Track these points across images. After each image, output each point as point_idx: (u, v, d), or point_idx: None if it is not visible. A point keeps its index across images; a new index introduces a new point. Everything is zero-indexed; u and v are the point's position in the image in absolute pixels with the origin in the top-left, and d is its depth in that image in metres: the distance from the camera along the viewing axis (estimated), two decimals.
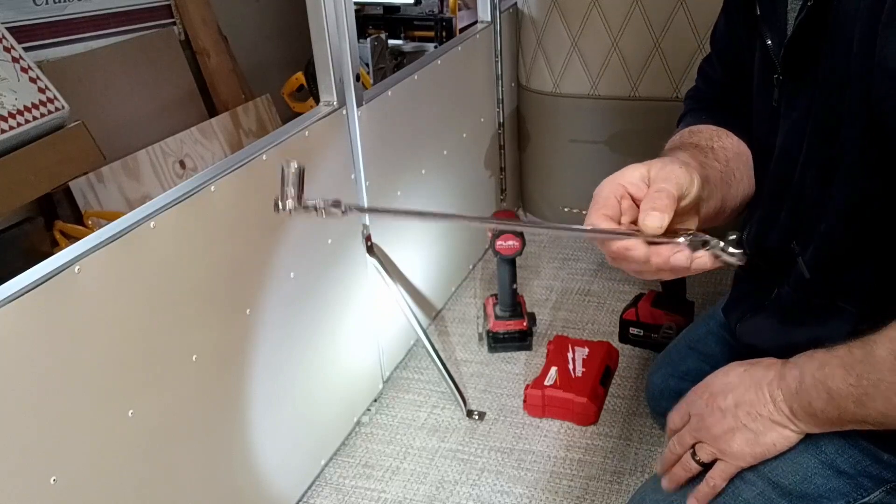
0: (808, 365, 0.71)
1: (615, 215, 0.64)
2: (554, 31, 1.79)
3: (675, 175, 0.64)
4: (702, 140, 0.84)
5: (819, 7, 0.68)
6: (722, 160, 0.82)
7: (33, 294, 0.71)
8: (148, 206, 0.87)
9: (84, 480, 0.79)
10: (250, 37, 2.20)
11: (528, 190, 2.06)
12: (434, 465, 1.25)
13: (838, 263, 0.75)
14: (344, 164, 1.23)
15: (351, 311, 1.30)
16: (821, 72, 0.70)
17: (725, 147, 0.84)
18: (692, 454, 0.79)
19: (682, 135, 0.88)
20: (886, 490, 0.74)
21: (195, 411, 0.95)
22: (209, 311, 0.96)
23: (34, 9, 1.62)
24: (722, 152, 0.83)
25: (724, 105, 0.92)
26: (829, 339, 0.77)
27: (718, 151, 0.83)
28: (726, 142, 0.85)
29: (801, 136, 0.75)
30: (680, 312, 1.47)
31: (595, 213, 0.64)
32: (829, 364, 0.68)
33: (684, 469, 0.81)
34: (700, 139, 0.84)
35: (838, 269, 0.76)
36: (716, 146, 0.83)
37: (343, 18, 1.13)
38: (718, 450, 0.77)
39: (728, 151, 0.84)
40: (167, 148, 1.76)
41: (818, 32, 0.69)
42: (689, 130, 0.88)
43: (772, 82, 0.78)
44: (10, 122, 1.26)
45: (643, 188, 0.65)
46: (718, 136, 0.85)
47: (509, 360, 1.50)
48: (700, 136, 0.85)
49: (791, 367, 0.73)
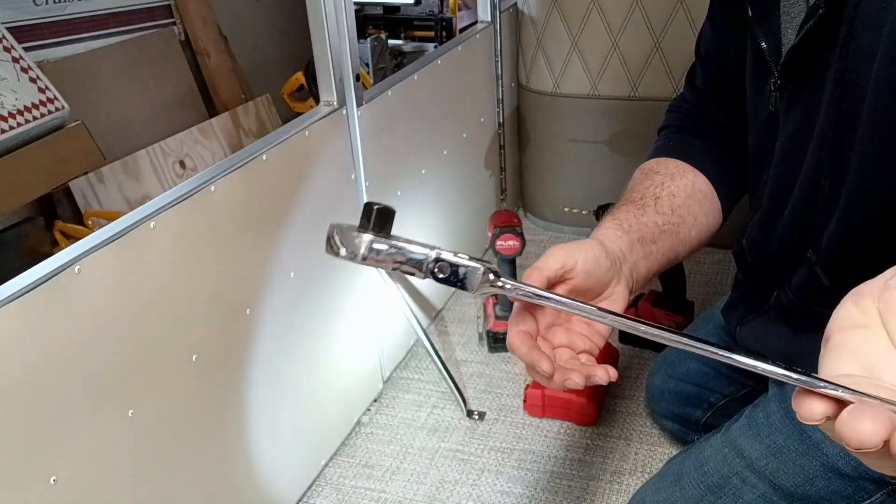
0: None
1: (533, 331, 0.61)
2: (554, 31, 1.79)
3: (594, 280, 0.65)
4: (647, 191, 0.84)
5: (830, 14, 0.67)
6: (666, 211, 0.81)
7: (33, 294, 0.71)
8: (148, 206, 0.87)
9: (84, 480, 0.79)
10: (250, 37, 2.20)
11: (528, 190, 2.06)
12: (434, 465, 1.25)
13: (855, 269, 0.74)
14: (344, 164, 1.23)
15: (351, 311, 1.29)
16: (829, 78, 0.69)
17: (675, 194, 0.84)
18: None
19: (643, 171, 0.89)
20: (888, 493, 0.74)
21: (195, 411, 0.95)
22: (209, 311, 0.96)
23: (34, 9, 1.62)
24: (668, 200, 0.83)
25: (703, 119, 0.92)
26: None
27: (664, 200, 0.82)
28: (679, 183, 0.85)
29: (804, 141, 0.73)
30: (680, 312, 1.47)
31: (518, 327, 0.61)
32: None
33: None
34: (646, 190, 0.84)
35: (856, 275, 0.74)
36: (663, 194, 0.83)
37: (343, 18, 1.13)
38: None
39: (677, 198, 0.84)
40: (167, 148, 1.76)
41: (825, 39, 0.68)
42: (649, 169, 0.89)
43: (768, 87, 0.77)
44: (10, 122, 1.26)
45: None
46: (672, 179, 0.86)
47: (509, 360, 1.50)
48: (652, 181, 0.85)
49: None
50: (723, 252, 1.74)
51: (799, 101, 0.74)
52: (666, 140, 0.94)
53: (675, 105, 0.98)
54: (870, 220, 0.70)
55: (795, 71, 0.74)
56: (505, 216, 1.52)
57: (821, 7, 0.67)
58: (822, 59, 0.70)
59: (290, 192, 1.10)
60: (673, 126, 0.96)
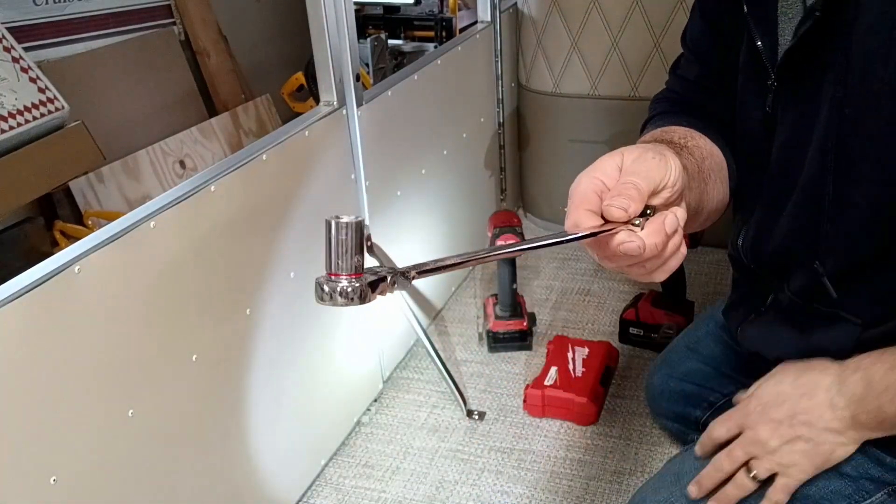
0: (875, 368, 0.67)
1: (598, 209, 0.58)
2: (554, 31, 1.79)
3: (647, 168, 0.59)
4: (675, 137, 0.78)
5: (827, 18, 0.66)
6: (697, 157, 0.76)
7: (33, 294, 0.71)
8: (148, 206, 0.87)
9: (84, 480, 0.79)
10: (250, 37, 2.20)
11: (528, 190, 2.06)
12: (434, 465, 1.25)
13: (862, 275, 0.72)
14: (344, 164, 1.23)
15: (351, 311, 1.29)
16: (829, 82, 0.68)
17: (700, 146, 0.79)
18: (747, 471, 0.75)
19: (654, 134, 0.82)
20: (888, 493, 0.74)
21: (195, 411, 0.95)
22: (209, 311, 0.96)
23: (34, 9, 1.62)
24: (697, 150, 0.77)
25: (697, 108, 0.88)
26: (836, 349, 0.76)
27: (693, 150, 0.77)
28: (700, 142, 0.80)
29: (803, 144, 0.73)
30: (680, 312, 1.47)
31: (576, 211, 0.58)
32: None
33: (739, 488, 0.76)
34: (673, 137, 0.79)
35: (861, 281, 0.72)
36: (689, 144, 0.78)
37: (343, 18, 1.13)
38: (778, 464, 0.73)
39: (703, 150, 0.79)
40: (167, 148, 1.76)
41: (823, 42, 0.68)
42: (661, 130, 0.83)
43: (764, 87, 0.76)
44: (10, 122, 1.26)
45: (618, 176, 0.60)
46: (692, 136, 0.80)
47: (509, 360, 1.50)
48: (673, 134, 0.80)
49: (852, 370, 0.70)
50: (722, 252, 1.72)
51: (796, 104, 0.73)
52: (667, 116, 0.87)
53: (661, 96, 0.94)
54: (888, 223, 0.69)
55: (793, 72, 0.73)
56: (505, 216, 1.52)
57: (817, 10, 0.66)
58: (820, 63, 0.69)
59: (290, 192, 1.10)
60: (661, 112, 0.90)
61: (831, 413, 0.70)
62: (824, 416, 0.70)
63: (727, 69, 0.83)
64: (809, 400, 0.72)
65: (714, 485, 0.78)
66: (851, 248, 0.72)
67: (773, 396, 0.75)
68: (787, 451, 0.72)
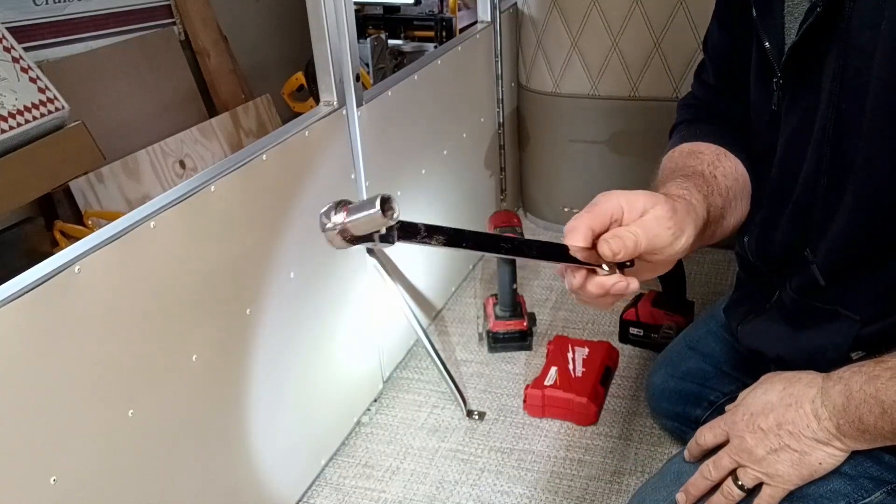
0: (854, 379, 0.68)
1: (598, 232, 0.64)
2: (554, 31, 1.79)
3: (658, 232, 0.65)
4: (704, 167, 0.82)
5: (829, 13, 0.67)
6: (723, 191, 0.80)
7: (33, 294, 0.71)
8: (148, 206, 0.87)
9: (84, 480, 0.79)
10: (250, 37, 2.20)
11: (528, 190, 2.06)
12: (434, 465, 1.25)
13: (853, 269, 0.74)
14: (344, 164, 1.23)
15: (351, 311, 1.30)
16: (827, 76, 0.69)
17: (727, 174, 0.83)
18: (734, 479, 0.76)
19: (683, 153, 0.86)
20: (887, 491, 0.74)
21: (195, 411, 0.95)
22: (209, 311, 0.96)
23: (34, 9, 1.63)
24: (723, 181, 0.82)
25: (720, 116, 0.91)
26: (833, 346, 0.77)
27: (720, 180, 0.81)
28: (727, 166, 0.84)
29: (804, 139, 0.74)
30: (680, 312, 1.47)
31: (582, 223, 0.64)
32: (880, 377, 0.66)
33: (726, 497, 0.76)
34: (703, 165, 0.82)
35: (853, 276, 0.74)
36: (718, 174, 0.82)
37: (343, 18, 1.13)
38: (764, 473, 0.74)
39: (728, 178, 0.83)
40: (167, 148, 1.76)
41: (824, 38, 0.69)
42: (689, 150, 0.86)
43: (771, 86, 0.78)
44: (10, 122, 1.26)
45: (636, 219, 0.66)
46: (719, 160, 0.84)
47: (509, 360, 1.50)
48: (702, 159, 0.84)
49: (834, 381, 0.71)
50: (723, 252, 1.74)
51: (800, 100, 0.75)
52: (694, 126, 0.91)
53: (686, 102, 0.98)
54: (874, 218, 0.70)
55: (796, 69, 0.74)
56: (505, 216, 1.52)
57: (819, 5, 0.67)
58: (822, 58, 0.70)
59: (290, 192, 1.10)
60: (688, 120, 0.94)
61: (816, 424, 0.71)
62: (810, 426, 0.71)
63: (744, 74, 0.84)
64: (796, 410, 0.72)
65: (701, 493, 0.79)
66: (841, 239, 0.73)
67: (761, 406, 0.75)
68: (774, 461, 0.73)
